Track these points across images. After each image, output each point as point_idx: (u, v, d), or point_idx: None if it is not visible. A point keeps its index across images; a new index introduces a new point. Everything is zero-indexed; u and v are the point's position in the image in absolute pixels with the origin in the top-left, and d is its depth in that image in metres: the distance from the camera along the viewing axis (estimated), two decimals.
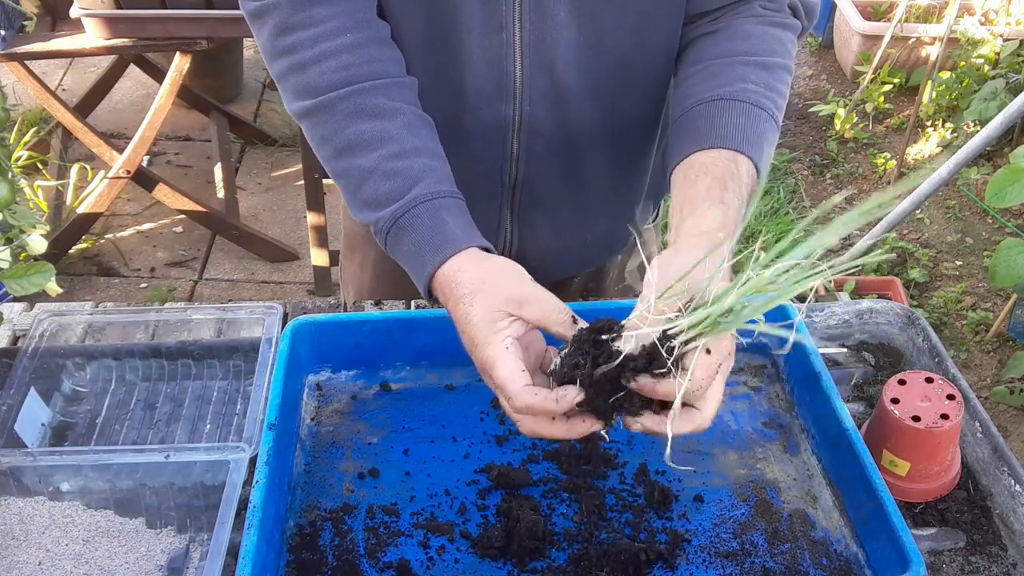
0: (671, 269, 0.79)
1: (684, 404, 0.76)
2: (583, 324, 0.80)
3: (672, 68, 1.09)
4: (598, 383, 0.76)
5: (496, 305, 0.82)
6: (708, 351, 0.75)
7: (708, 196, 0.88)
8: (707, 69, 1.00)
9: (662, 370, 0.74)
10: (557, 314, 0.81)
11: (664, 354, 0.74)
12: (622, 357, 0.74)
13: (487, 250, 0.91)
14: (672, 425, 0.76)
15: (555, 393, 0.76)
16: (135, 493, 0.99)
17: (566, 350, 0.79)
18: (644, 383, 0.75)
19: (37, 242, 1.11)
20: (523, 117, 1.06)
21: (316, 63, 0.95)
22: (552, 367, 0.81)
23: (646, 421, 0.77)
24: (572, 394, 0.76)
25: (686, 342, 0.74)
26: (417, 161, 0.93)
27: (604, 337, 0.77)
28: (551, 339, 0.84)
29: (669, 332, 0.75)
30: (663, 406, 0.78)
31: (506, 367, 0.78)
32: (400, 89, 0.98)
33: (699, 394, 0.76)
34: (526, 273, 0.87)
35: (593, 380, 0.76)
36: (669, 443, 0.75)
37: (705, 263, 0.75)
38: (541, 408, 0.76)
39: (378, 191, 0.93)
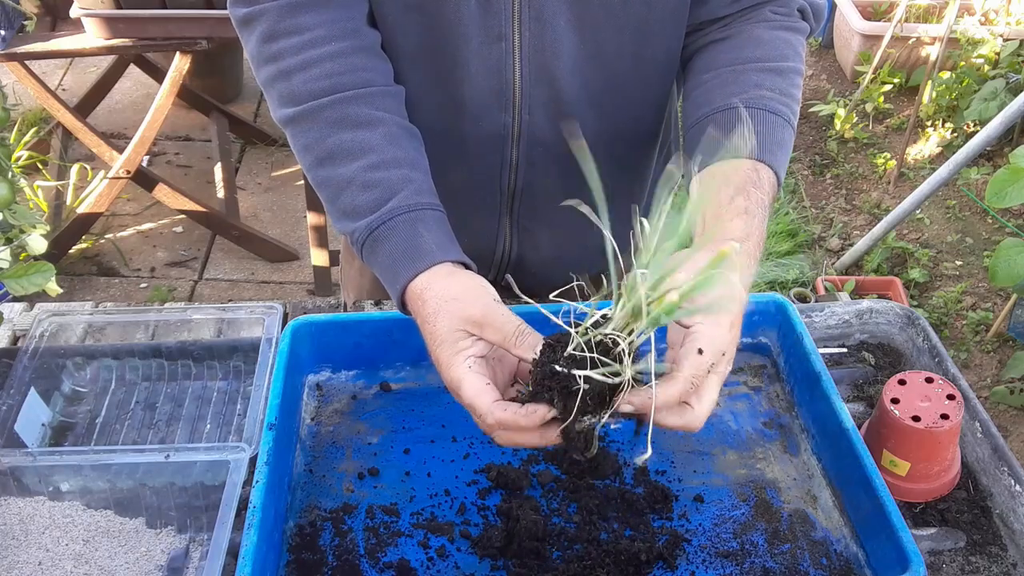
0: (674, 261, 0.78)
1: (682, 401, 0.76)
2: (542, 342, 0.78)
3: (673, 75, 1.09)
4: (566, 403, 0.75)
5: (457, 325, 0.81)
6: (700, 351, 0.75)
7: (732, 207, 0.88)
8: (721, 76, 1.00)
9: (611, 372, 0.73)
10: (517, 337, 0.79)
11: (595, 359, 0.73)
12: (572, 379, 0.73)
13: (465, 264, 0.90)
14: (657, 416, 0.76)
15: (525, 409, 0.76)
16: (135, 493, 0.99)
17: (530, 377, 0.78)
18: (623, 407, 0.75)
19: (37, 242, 1.11)
20: (522, 126, 1.06)
21: (301, 71, 0.95)
22: (519, 392, 0.80)
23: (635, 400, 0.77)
24: (543, 412, 0.75)
25: (629, 336, 0.74)
26: (396, 173, 0.92)
27: (559, 370, 0.75)
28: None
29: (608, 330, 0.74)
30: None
31: (472, 386, 0.78)
32: (384, 98, 0.97)
33: (691, 391, 0.76)
34: (491, 291, 0.85)
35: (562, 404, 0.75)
36: (649, 435, 0.75)
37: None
38: (513, 424, 0.76)
39: (355, 202, 0.92)
